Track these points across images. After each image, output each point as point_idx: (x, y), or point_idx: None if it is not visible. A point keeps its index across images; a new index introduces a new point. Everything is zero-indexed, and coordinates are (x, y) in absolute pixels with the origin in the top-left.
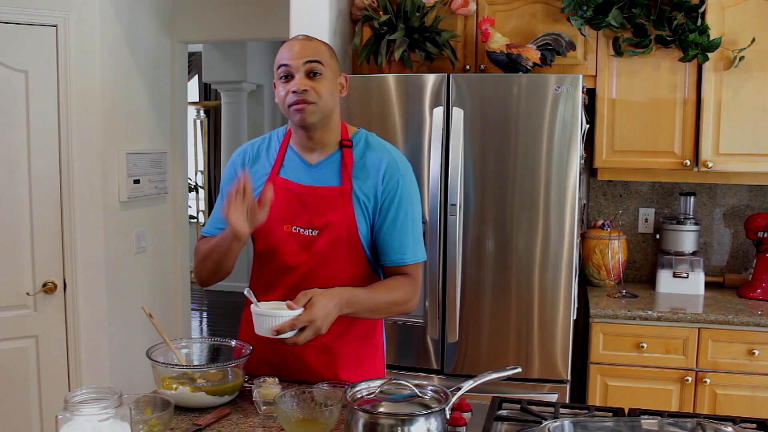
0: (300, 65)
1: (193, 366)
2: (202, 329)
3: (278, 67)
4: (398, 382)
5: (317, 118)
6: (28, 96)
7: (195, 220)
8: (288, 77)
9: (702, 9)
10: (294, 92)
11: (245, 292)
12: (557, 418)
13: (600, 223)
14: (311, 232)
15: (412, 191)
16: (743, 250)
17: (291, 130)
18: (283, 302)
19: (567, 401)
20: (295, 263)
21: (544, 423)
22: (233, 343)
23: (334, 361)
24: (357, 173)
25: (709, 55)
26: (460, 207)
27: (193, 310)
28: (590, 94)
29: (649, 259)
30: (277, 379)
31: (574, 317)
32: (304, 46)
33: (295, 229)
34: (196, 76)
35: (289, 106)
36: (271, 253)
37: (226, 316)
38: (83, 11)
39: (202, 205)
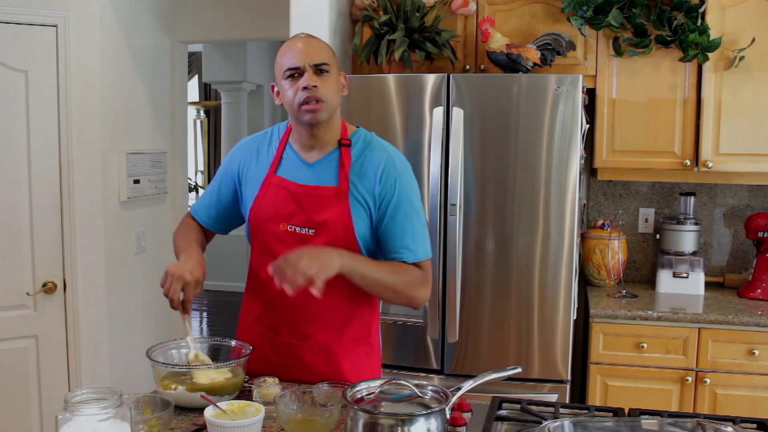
0: (307, 65)
1: (193, 366)
2: (202, 329)
3: (285, 69)
4: (398, 382)
5: (326, 116)
6: (28, 96)
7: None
8: (295, 76)
9: (702, 9)
10: (305, 88)
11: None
12: (557, 418)
13: (600, 223)
14: (308, 231)
15: (410, 191)
16: (743, 250)
17: (291, 127)
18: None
19: (567, 401)
20: None
21: (544, 423)
22: (233, 343)
23: (331, 360)
24: (355, 172)
25: (709, 55)
26: (460, 207)
27: (193, 310)
28: (590, 94)
29: (649, 259)
30: (277, 379)
31: (574, 317)
32: (310, 46)
33: (291, 228)
34: (196, 76)
35: (300, 105)
36: (267, 252)
37: (226, 316)
38: (83, 11)
39: None
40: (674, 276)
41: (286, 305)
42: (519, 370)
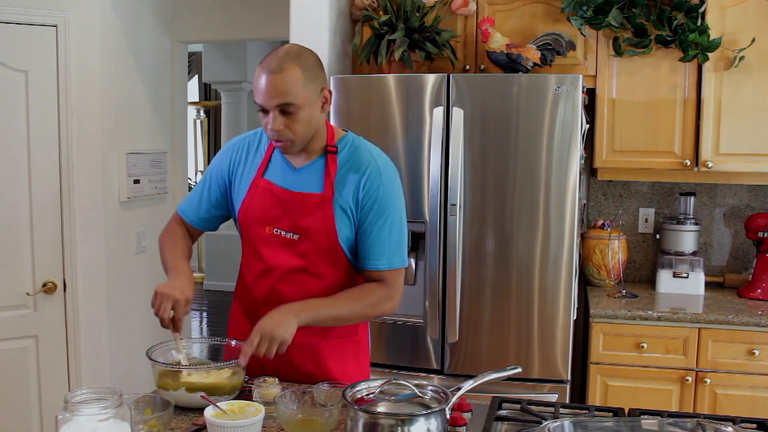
0: (272, 107)
1: (192, 366)
2: (202, 329)
3: (255, 100)
4: (398, 382)
5: (297, 149)
6: (28, 96)
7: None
8: (264, 110)
9: (702, 9)
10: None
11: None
12: (557, 418)
13: (600, 223)
14: (292, 236)
15: (394, 199)
16: (743, 250)
17: None
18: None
19: (567, 401)
20: (274, 264)
21: (544, 423)
22: (233, 342)
23: (318, 359)
24: (340, 179)
25: (709, 55)
26: (460, 207)
27: (193, 310)
28: (590, 94)
29: (649, 259)
30: (277, 379)
31: (574, 317)
32: (274, 85)
33: (276, 231)
34: (196, 76)
35: (270, 138)
36: (255, 254)
37: (226, 316)
38: (83, 11)
39: None
40: (674, 276)
41: (271, 303)
42: (519, 370)
